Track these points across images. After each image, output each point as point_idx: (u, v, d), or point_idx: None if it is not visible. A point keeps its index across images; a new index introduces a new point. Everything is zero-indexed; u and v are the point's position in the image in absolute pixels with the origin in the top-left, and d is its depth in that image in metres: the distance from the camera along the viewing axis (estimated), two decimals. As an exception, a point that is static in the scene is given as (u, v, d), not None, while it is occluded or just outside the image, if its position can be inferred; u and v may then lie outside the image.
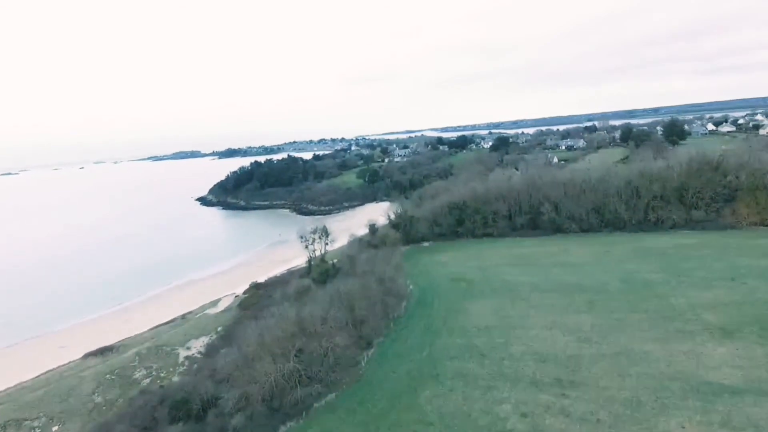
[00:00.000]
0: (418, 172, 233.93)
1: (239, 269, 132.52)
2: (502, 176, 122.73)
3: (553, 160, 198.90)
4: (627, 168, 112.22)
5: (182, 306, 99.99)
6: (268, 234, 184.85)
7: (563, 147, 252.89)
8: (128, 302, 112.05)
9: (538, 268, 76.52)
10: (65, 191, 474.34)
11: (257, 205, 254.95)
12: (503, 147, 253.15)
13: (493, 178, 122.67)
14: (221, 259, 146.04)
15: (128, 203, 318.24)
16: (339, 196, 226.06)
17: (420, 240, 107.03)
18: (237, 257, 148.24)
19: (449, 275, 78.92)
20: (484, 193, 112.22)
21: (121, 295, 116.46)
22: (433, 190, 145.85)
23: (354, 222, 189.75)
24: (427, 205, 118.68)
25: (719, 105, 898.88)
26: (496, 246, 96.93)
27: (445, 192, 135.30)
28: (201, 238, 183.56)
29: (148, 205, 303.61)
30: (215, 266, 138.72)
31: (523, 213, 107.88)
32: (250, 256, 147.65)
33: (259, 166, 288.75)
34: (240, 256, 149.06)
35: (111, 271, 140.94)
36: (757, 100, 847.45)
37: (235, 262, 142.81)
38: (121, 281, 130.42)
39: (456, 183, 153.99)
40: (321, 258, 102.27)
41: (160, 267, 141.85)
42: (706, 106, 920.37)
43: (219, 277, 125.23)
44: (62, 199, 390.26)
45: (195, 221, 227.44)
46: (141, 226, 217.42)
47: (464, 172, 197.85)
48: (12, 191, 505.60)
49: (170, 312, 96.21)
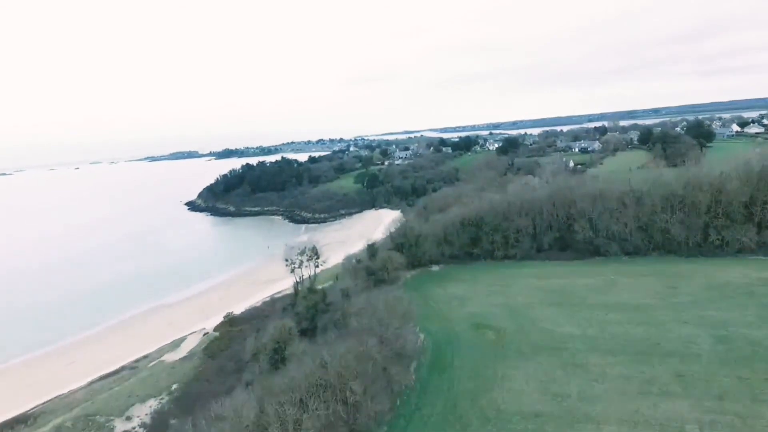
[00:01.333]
0: (421, 177, 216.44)
1: (218, 291, 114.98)
2: (522, 185, 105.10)
3: (569, 164, 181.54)
4: (673, 176, 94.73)
5: (140, 343, 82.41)
6: (256, 246, 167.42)
7: (576, 149, 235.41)
8: (81, 334, 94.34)
9: (585, 311, 59.04)
10: (52, 194, 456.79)
11: (247, 212, 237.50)
12: (512, 149, 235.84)
13: (512, 188, 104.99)
14: (200, 278, 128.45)
15: (112, 208, 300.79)
16: (335, 202, 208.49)
17: (428, 263, 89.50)
18: (218, 275, 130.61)
19: (470, 319, 61.44)
20: (503, 206, 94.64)
21: (75, 325, 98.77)
22: (440, 200, 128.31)
23: (351, 232, 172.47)
24: (435, 220, 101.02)
25: (721, 106, 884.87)
26: (522, 273, 79.36)
27: (455, 202, 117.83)
28: (182, 251, 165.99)
29: (132, 210, 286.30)
30: (191, 286, 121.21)
31: (550, 230, 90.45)
32: (233, 275, 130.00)
33: (251, 169, 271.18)
34: (221, 274, 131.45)
35: (73, 293, 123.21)
36: (759, 101, 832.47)
37: (214, 281, 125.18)
38: (82, 305, 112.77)
39: (465, 190, 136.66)
40: (310, 285, 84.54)
41: (129, 287, 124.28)
42: (708, 106, 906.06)
43: (193, 302, 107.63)
44: (45, 203, 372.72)
45: (179, 230, 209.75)
46: (120, 236, 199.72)
47: (473, 178, 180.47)
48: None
49: (123, 352, 78.55)
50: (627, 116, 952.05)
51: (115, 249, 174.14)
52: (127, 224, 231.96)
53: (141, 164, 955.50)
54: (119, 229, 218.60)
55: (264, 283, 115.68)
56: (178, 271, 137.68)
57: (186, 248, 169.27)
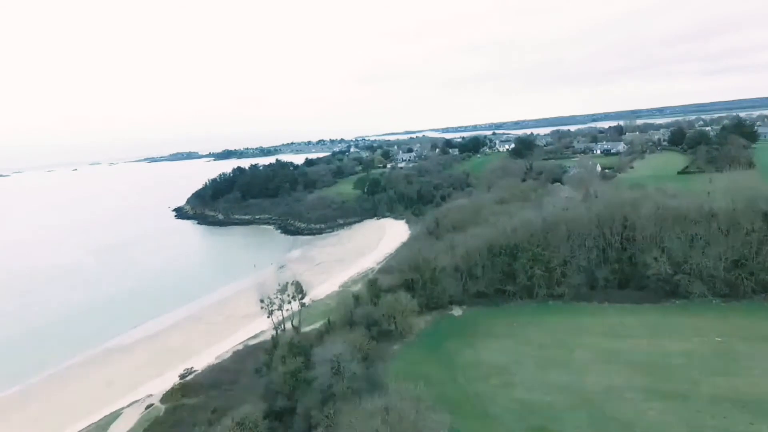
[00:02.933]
0: (428, 182, 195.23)
1: (184, 328, 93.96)
2: (559, 199, 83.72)
3: (596, 169, 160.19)
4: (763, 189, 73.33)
5: (54, 422, 61.20)
6: (242, 263, 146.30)
7: (598, 151, 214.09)
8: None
9: (707, 413, 37.88)
10: (40, 197, 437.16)
11: (237, 220, 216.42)
12: (526, 151, 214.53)
13: (548, 203, 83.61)
14: (167, 307, 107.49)
15: (95, 215, 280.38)
16: (332, 211, 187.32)
17: (447, 303, 68.43)
18: (190, 303, 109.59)
19: (524, 417, 40.43)
20: (541, 228, 73.60)
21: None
22: (456, 214, 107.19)
23: (350, 247, 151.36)
24: (454, 244, 79.79)
25: (725, 105, 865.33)
26: (581, 325, 58.20)
27: (474, 218, 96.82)
28: (157, 269, 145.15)
29: (116, 217, 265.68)
30: (155, 319, 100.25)
31: (606, 261, 69.34)
32: (207, 304, 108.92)
33: (242, 173, 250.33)
34: (194, 302, 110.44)
35: (16, 329, 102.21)
36: (763, 100, 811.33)
37: (183, 313, 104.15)
38: (21, 346, 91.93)
39: (484, 202, 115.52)
40: (292, 339, 63.13)
41: (82, 320, 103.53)
42: (712, 106, 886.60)
43: (149, 345, 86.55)
44: (27, 207, 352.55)
45: (161, 241, 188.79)
46: (92, 249, 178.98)
47: (488, 184, 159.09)
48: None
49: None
50: (631, 116, 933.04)
51: (81, 267, 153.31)
52: (106, 234, 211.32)
53: (140, 165, 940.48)
54: (94, 239, 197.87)
55: (241, 318, 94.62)
56: (145, 296, 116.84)
57: (162, 266, 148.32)
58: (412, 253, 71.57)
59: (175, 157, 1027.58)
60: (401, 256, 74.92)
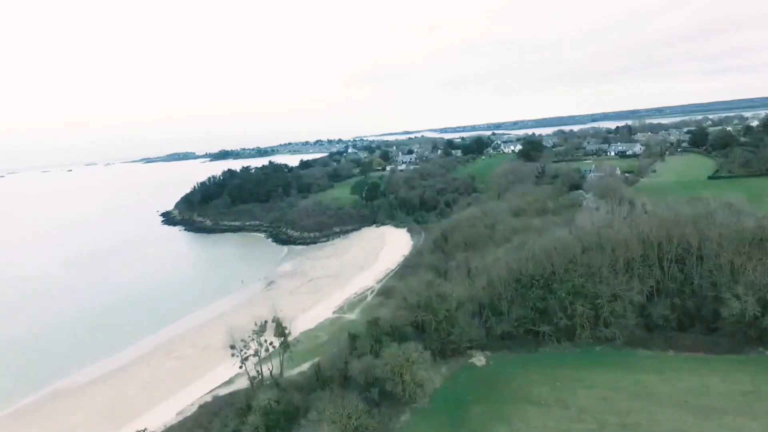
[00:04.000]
0: (430, 186, 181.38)
1: (146, 367, 79.84)
2: (599, 214, 69.58)
3: (615, 172, 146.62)
4: None
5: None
6: (228, 277, 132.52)
7: (612, 153, 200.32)
8: None
9: None
10: (25, 200, 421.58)
11: (226, 227, 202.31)
12: (534, 152, 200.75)
13: (581, 218, 69.54)
14: (136, 334, 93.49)
15: (78, 220, 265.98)
16: (328, 218, 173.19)
17: (466, 348, 54.55)
18: (162, 329, 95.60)
19: None
20: (577, 250, 59.72)
21: None
22: (466, 227, 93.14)
23: (347, 260, 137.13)
24: (466, 265, 65.86)
25: (725, 105, 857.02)
26: (645, 387, 44.36)
27: (490, 234, 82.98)
28: (133, 283, 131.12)
29: (99, 222, 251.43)
30: (116, 354, 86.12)
31: (661, 293, 55.61)
32: (181, 331, 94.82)
33: (232, 176, 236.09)
34: (167, 328, 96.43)
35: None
36: (763, 99, 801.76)
37: (150, 343, 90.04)
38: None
39: (498, 213, 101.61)
40: (269, 404, 48.71)
41: (32, 352, 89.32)
42: (712, 106, 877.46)
43: (99, 390, 72.43)
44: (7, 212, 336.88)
45: (141, 251, 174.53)
46: (65, 261, 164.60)
47: (497, 189, 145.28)
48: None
49: None
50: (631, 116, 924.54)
51: (47, 281, 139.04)
52: (84, 241, 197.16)
53: (135, 166, 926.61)
54: (70, 248, 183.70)
55: (218, 351, 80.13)
56: (113, 320, 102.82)
57: (138, 281, 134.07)
58: (420, 284, 57.34)
59: (171, 158, 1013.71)
60: (409, 285, 60.58)
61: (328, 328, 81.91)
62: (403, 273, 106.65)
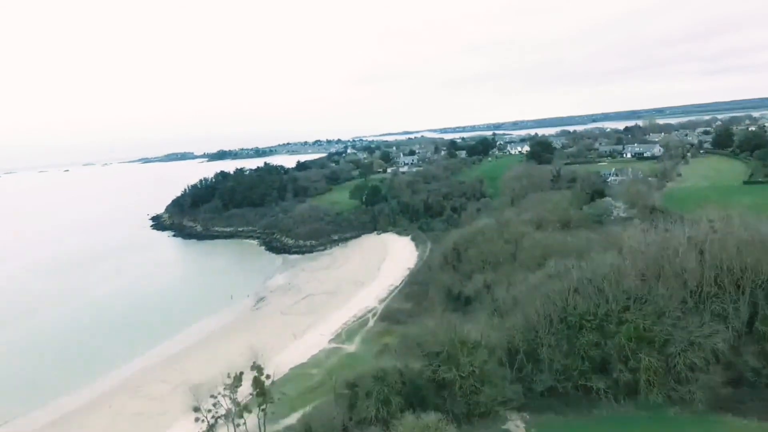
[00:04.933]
0: (435, 191, 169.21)
1: (103, 412, 67.43)
2: (652, 232, 57.03)
3: (640, 176, 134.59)
4: None
5: None
6: (216, 291, 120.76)
7: (628, 154, 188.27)
8: None
9: None
10: (12, 202, 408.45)
11: (217, 233, 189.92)
12: (546, 154, 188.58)
13: (636, 237, 57.00)
14: (101, 365, 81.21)
15: (64, 223, 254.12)
16: (325, 224, 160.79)
17: (498, 410, 42.22)
18: (131, 362, 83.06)
19: None
20: (634, 277, 47.49)
21: None
22: (482, 242, 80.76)
23: (345, 272, 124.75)
24: (491, 297, 53.59)
25: (725, 105, 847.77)
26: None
27: (507, 246, 70.78)
28: (104, 301, 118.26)
29: (87, 226, 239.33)
30: (70, 390, 73.74)
31: (757, 341, 43.40)
32: (153, 364, 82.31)
33: (225, 178, 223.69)
34: (138, 360, 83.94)
35: None
36: (764, 100, 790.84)
37: (117, 377, 77.65)
38: None
39: (516, 225, 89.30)
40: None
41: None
42: (712, 106, 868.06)
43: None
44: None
45: (125, 259, 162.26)
46: (39, 269, 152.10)
47: (515, 197, 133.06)
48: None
49: None
50: (631, 116, 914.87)
51: (9, 294, 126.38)
52: (66, 247, 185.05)
53: (133, 166, 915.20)
54: (48, 255, 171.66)
55: (189, 388, 67.80)
56: (79, 345, 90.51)
57: (115, 294, 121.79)
58: (438, 327, 45.01)
59: (169, 158, 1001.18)
60: (424, 328, 48.20)
61: (323, 362, 69.69)
62: (410, 292, 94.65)
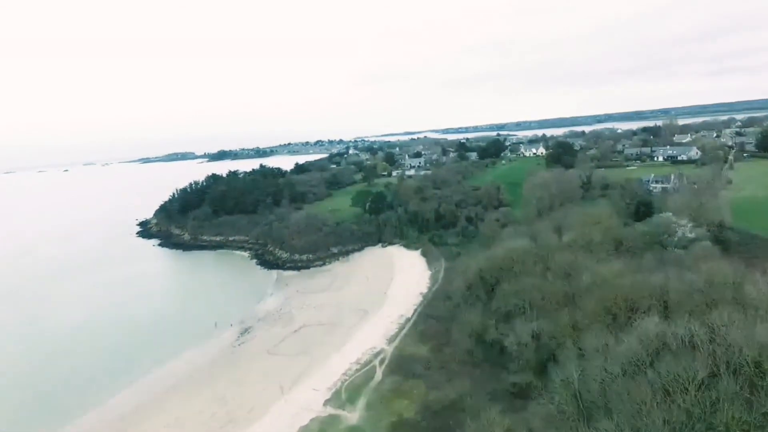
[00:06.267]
0: (447, 198, 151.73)
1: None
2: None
3: (682, 181, 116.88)
4: None
5: None
6: (198, 316, 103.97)
7: (661, 158, 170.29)
8: None
9: None
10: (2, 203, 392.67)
11: (205, 242, 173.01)
12: (568, 157, 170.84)
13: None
14: (39, 424, 63.95)
15: (48, 227, 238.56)
16: (324, 235, 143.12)
17: None
18: (83, 417, 65.94)
19: None
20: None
21: None
22: (526, 279, 63.10)
23: (347, 295, 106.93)
24: (565, 375, 36.11)
25: (730, 106, 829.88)
26: None
27: (559, 285, 53.33)
28: (66, 328, 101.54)
29: (70, 232, 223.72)
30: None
31: None
32: (112, 418, 65.09)
33: (216, 181, 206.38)
34: (92, 414, 66.79)
35: None
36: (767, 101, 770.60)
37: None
38: None
39: (548, 239, 71.85)
40: None
41: None
42: (717, 107, 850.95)
43: None
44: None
45: (100, 274, 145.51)
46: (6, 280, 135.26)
47: (542, 208, 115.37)
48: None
49: None
50: (636, 117, 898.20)
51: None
52: (40, 256, 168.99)
53: (133, 166, 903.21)
54: (17, 268, 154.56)
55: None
56: (15, 397, 73.17)
57: (72, 324, 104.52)
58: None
59: (170, 158, 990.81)
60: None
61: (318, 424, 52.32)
62: (425, 330, 77.15)
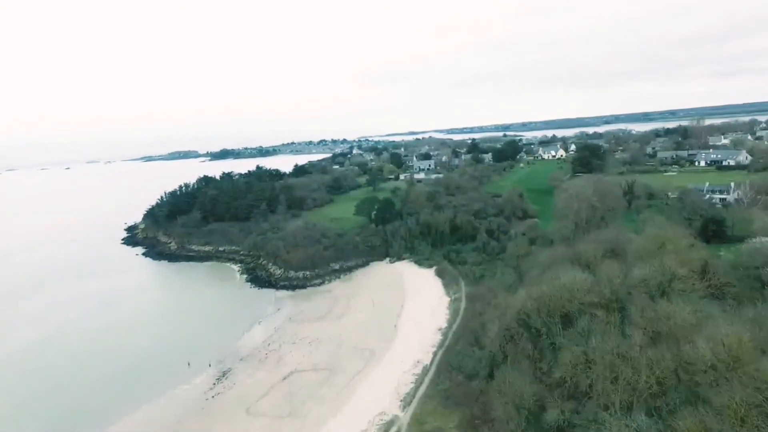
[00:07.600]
0: (463, 206, 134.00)
1: None
2: None
3: (745, 190, 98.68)
4: None
5: None
6: (172, 351, 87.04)
7: (702, 162, 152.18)
8: None
9: None
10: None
11: (193, 252, 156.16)
12: (596, 160, 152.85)
13: None
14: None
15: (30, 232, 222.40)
16: (323, 249, 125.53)
17: None
18: None
19: None
20: None
21: None
22: (599, 336, 45.55)
23: (348, 324, 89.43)
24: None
25: (737, 108, 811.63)
26: None
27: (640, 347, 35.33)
28: (8, 365, 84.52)
29: (52, 236, 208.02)
30: None
31: None
32: None
33: (208, 184, 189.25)
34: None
35: None
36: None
37: None
38: None
39: (608, 271, 53.93)
40: None
41: None
42: (725, 108, 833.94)
43: None
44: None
45: (73, 287, 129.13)
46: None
47: (579, 221, 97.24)
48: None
49: None
50: (643, 118, 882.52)
51: None
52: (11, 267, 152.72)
53: (135, 164, 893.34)
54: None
55: None
56: None
57: (26, 355, 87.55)
58: None
59: (172, 156, 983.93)
60: None
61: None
62: (451, 390, 59.23)
